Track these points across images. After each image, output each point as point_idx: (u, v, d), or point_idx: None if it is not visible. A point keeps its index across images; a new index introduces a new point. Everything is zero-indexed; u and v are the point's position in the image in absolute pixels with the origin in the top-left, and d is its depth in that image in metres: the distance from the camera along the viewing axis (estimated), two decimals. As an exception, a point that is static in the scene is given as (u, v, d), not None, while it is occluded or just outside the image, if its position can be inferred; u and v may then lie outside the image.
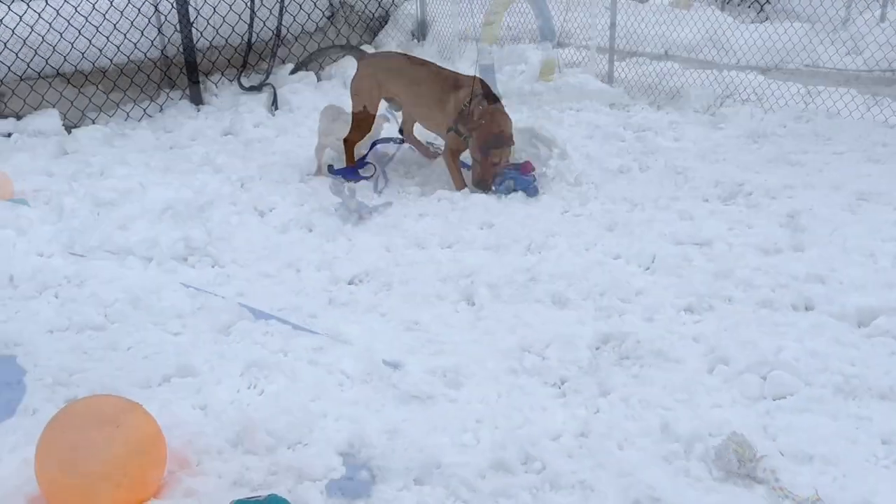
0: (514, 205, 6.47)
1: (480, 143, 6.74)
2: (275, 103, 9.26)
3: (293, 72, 8.87)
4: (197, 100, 9.37)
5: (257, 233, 6.32)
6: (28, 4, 8.29)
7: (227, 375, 4.52)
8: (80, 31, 8.46)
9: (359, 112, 7.32)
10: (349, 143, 7.36)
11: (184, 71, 9.28)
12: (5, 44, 8.18)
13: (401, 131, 7.63)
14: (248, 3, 9.35)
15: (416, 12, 9.95)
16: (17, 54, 8.24)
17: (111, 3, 8.58)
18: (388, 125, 7.74)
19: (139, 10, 8.74)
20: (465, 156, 7.12)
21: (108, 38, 8.61)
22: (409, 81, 7.21)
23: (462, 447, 3.80)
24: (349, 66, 9.04)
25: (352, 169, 7.31)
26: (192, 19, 9.05)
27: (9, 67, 8.28)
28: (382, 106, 7.54)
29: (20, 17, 8.19)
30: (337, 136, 7.34)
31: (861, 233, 5.45)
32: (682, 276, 5.24)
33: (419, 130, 7.68)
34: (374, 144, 7.58)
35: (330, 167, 7.34)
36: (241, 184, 7.21)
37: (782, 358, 4.18)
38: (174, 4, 8.94)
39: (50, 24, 8.34)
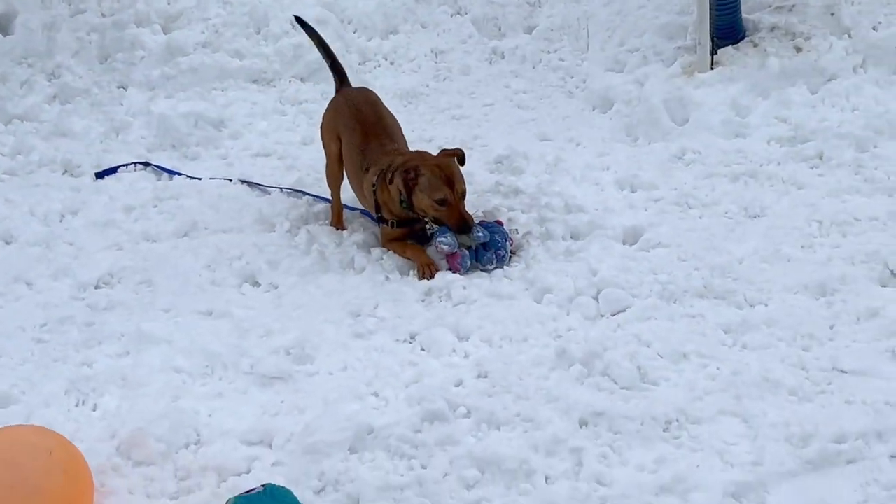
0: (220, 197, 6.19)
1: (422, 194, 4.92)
2: None
3: None
4: None
5: (-54, 252, 5.68)
6: None
7: (51, 396, 4.17)
8: None
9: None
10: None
11: None
12: None
13: None
14: None
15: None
16: None
17: None
18: None
19: None
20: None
21: None
22: (347, 135, 5.50)
23: (377, 410, 3.80)
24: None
25: None
26: None
27: None
28: None
29: None
30: None
31: (577, 166, 5.90)
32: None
33: None
34: None
35: None
36: None
37: (603, 278, 4.53)
38: None
39: None
